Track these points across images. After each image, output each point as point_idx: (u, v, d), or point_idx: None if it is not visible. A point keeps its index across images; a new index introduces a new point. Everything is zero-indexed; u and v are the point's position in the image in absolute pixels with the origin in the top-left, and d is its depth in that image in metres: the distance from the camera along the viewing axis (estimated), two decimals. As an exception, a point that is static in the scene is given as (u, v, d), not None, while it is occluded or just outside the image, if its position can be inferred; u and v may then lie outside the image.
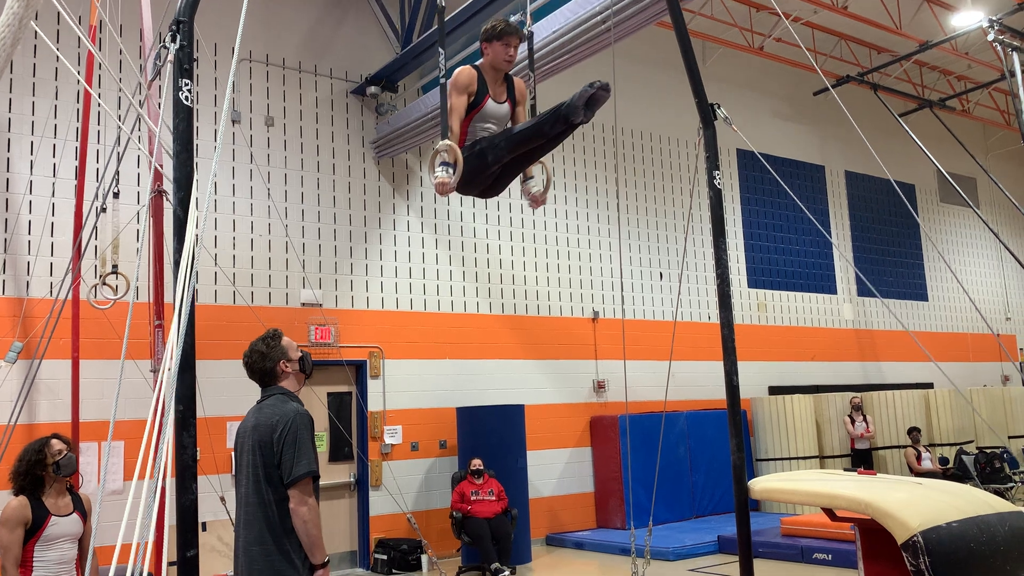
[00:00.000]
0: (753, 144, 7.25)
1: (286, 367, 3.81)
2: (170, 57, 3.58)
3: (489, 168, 4.10)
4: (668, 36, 12.42)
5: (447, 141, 4.00)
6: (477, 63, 4.29)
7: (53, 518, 4.48)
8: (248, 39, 9.80)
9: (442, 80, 4.14)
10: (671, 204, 13.62)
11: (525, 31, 4.67)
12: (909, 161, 16.57)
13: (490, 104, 4.22)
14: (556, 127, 3.88)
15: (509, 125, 4.36)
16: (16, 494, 4.50)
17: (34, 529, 4.41)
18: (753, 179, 14.65)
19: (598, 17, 7.57)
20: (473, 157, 4.05)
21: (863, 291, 15.83)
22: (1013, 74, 10.98)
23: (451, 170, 3.97)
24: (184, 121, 3.53)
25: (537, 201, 4.53)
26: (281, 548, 3.53)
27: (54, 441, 4.62)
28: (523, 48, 4.61)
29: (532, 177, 4.53)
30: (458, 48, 9.99)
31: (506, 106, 4.32)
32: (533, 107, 4.50)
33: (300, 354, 3.90)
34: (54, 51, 7.83)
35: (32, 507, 4.43)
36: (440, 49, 4.27)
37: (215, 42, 9.46)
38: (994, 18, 10.99)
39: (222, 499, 7.49)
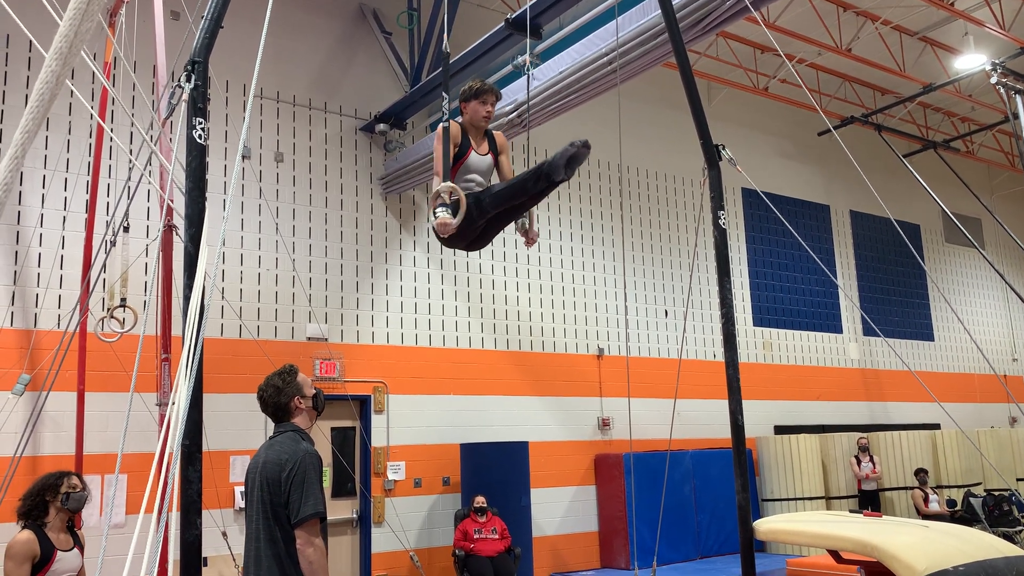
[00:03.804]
0: (758, 183, 7.32)
1: (300, 403, 3.83)
2: (184, 96, 3.65)
3: (475, 223, 4.24)
4: (673, 76, 12.57)
5: (448, 183, 4.12)
6: (458, 119, 4.51)
7: (59, 553, 4.50)
8: (259, 76, 9.93)
9: (444, 125, 4.29)
10: (676, 242, 13.67)
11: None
12: (914, 201, 16.64)
13: (474, 156, 4.42)
14: (538, 184, 4.09)
15: (493, 177, 4.58)
16: (21, 515, 4.54)
17: (42, 564, 4.43)
18: (758, 218, 14.72)
19: (604, 58, 7.67)
20: None
21: (869, 331, 15.80)
22: (1016, 116, 11.07)
23: (449, 210, 4.10)
24: (197, 159, 3.60)
25: (530, 239, 4.70)
26: None
27: (75, 477, 4.69)
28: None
29: (524, 216, 4.67)
30: (466, 87, 10.12)
31: (489, 157, 4.52)
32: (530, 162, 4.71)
33: (314, 391, 3.92)
34: (69, 86, 7.96)
35: (40, 542, 4.45)
36: (444, 94, 4.40)
37: (226, 79, 9.61)
38: (997, 61, 11.11)
39: (224, 534, 7.45)
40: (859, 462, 13.01)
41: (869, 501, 12.71)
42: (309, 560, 3.50)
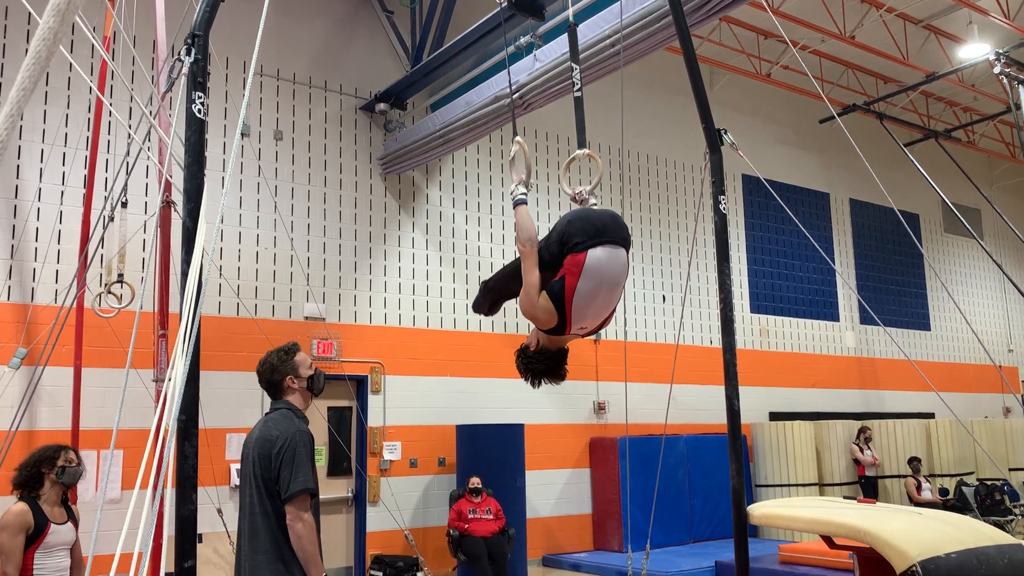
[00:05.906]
0: (758, 170, 7.30)
1: (292, 383, 3.83)
2: (184, 70, 3.63)
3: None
4: (676, 61, 12.54)
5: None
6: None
7: (53, 526, 4.51)
8: (260, 54, 9.86)
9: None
10: (675, 227, 13.65)
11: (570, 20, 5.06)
12: (914, 191, 16.59)
13: None
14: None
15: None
16: (16, 485, 4.55)
17: (36, 536, 4.44)
18: (758, 204, 14.69)
19: (607, 41, 7.62)
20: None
21: (866, 319, 15.82)
22: (1019, 107, 11.03)
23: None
24: (196, 133, 3.57)
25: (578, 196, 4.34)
26: (283, 558, 3.57)
27: (71, 451, 4.69)
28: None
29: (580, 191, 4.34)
30: (469, 67, 10.07)
31: None
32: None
33: (311, 372, 3.90)
34: (68, 60, 7.90)
35: (34, 514, 4.46)
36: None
37: (226, 55, 9.54)
38: (1001, 51, 11.05)
39: (219, 511, 7.48)
40: (862, 449, 13.03)
41: (873, 488, 12.74)
42: (298, 535, 3.55)
